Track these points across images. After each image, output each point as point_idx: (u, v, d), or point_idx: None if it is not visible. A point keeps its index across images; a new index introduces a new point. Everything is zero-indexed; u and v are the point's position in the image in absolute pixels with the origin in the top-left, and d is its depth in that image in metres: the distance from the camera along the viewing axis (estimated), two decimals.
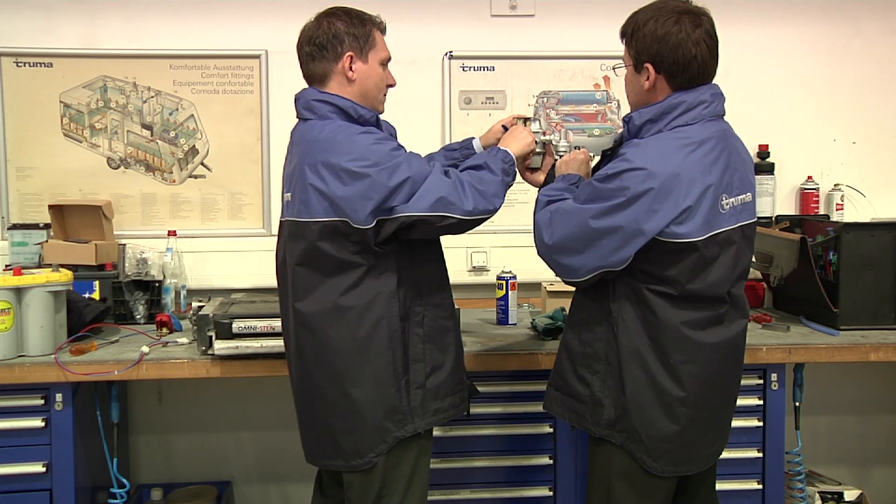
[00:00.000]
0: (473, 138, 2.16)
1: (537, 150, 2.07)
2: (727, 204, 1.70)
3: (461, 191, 1.77)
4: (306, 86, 1.91)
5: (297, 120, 1.90)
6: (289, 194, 1.84)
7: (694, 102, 1.72)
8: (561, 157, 2.05)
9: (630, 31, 1.78)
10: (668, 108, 1.72)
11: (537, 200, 1.88)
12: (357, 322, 1.77)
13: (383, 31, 1.92)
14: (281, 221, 1.90)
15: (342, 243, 1.75)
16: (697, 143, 1.68)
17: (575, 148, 2.06)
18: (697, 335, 1.72)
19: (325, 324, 1.78)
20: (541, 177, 2.04)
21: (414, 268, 1.83)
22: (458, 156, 2.14)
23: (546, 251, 1.77)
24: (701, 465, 1.83)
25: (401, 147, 1.80)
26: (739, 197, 1.74)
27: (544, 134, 2.07)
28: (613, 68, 1.91)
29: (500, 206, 1.84)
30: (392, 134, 1.94)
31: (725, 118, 1.82)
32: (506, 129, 2.10)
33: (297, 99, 1.89)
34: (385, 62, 1.92)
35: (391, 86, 1.95)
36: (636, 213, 1.64)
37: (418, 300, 1.84)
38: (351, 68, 1.84)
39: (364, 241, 1.75)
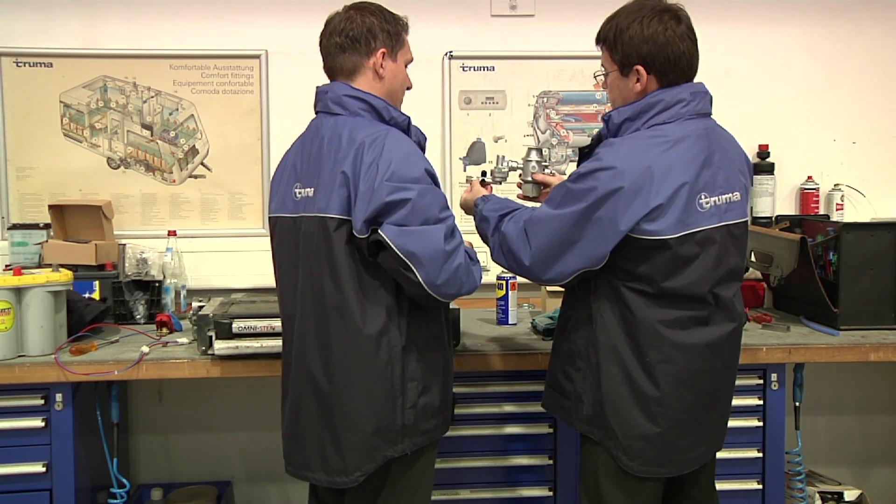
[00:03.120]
0: None
1: (527, 178, 2.10)
2: (707, 203, 1.70)
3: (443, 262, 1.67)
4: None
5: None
6: (310, 189, 1.76)
7: (672, 101, 1.72)
8: (499, 181, 2.15)
9: (612, 36, 1.77)
10: (646, 106, 1.72)
11: (485, 219, 1.88)
12: (364, 331, 1.72)
13: (408, 31, 1.90)
14: (283, 219, 1.84)
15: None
16: (673, 141, 1.68)
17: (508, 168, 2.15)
18: (675, 335, 1.72)
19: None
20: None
21: None
22: None
23: (525, 272, 1.77)
24: (682, 468, 1.80)
25: (437, 179, 1.74)
26: (724, 196, 1.73)
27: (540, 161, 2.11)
28: (595, 76, 1.91)
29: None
30: (421, 142, 1.86)
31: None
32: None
33: (324, 92, 1.83)
34: (408, 64, 1.91)
35: (408, 88, 1.93)
36: (607, 211, 1.65)
37: (415, 317, 1.77)
38: (382, 65, 1.82)
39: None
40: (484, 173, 2.15)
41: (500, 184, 2.17)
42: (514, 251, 1.77)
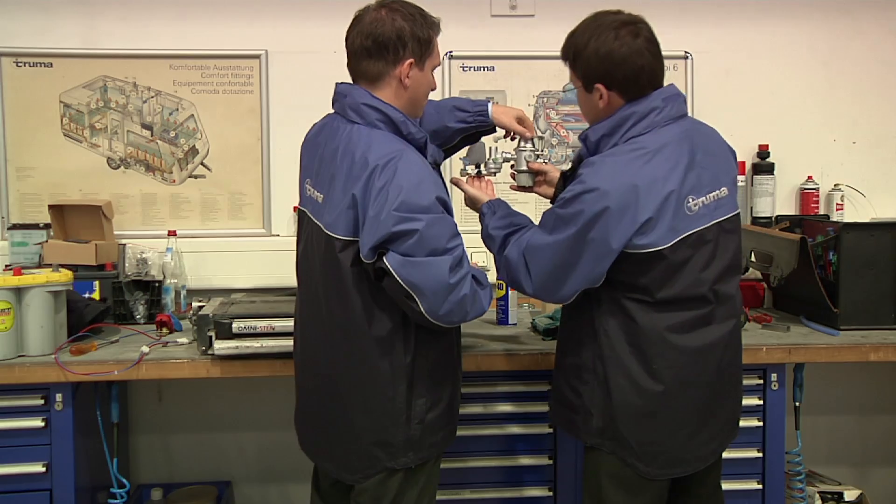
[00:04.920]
0: (489, 102, 2.10)
1: (521, 168, 2.10)
2: (695, 205, 1.70)
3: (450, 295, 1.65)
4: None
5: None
6: (320, 195, 1.75)
7: (645, 111, 1.72)
8: (493, 173, 2.12)
9: (572, 55, 1.79)
10: (621, 120, 1.73)
11: (490, 237, 1.90)
12: (368, 349, 1.72)
13: (439, 32, 1.82)
14: (302, 211, 1.84)
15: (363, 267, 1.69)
16: (653, 151, 1.68)
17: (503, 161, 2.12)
18: (680, 339, 1.72)
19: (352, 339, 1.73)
20: (547, 189, 2.08)
21: None
22: (470, 119, 2.09)
23: (531, 295, 1.80)
24: (696, 466, 1.82)
25: (448, 206, 1.72)
26: (712, 194, 1.73)
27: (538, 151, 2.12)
28: (563, 90, 1.92)
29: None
30: (437, 161, 1.84)
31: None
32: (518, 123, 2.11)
33: (343, 95, 1.77)
34: (435, 69, 1.84)
35: (433, 89, 1.88)
36: (598, 232, 1.65)
37: (424, 333, 1.75)
38: (408, 75, 1.75)
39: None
40: (478, 165, 2.12)
41: (495, 175, 2.15)
42: (516, 280, 1.80)
